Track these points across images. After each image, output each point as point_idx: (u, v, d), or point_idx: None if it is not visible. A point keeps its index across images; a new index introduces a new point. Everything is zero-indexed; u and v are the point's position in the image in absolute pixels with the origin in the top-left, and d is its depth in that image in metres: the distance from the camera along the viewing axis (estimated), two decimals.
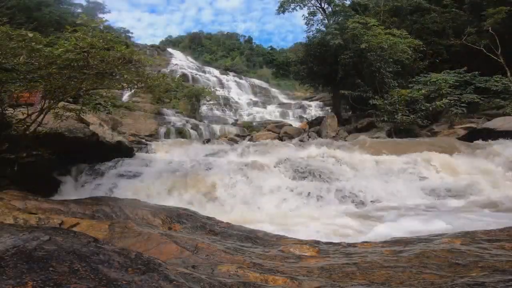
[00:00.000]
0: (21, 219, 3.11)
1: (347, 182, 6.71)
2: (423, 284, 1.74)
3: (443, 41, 16.83)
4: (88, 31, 4.50)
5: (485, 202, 5.60)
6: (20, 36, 4.26)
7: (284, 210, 5.83)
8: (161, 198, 5.99)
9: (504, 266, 1.93)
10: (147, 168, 7.59)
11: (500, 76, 13.87)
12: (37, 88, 5.20)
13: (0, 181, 4.71)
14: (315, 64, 18.64)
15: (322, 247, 2.88)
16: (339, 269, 2.12)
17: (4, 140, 5.06)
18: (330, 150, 8.57)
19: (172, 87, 6.87)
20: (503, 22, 14.43)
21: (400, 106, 13.08)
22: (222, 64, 45.47)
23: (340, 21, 17.82)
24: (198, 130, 18.04)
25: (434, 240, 2.89)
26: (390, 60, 14.81)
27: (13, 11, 20.70)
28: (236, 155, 8.92)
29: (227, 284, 1.64)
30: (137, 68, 5.51)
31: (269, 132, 17.25)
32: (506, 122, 10.58)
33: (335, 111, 18.82)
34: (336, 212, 5.55)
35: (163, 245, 2.46)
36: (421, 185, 6.63)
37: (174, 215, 3.95)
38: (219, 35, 62.93)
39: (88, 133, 7.19)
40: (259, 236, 3.37)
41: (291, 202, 6.06)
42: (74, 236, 1.77)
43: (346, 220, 4.88)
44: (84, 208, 3.93)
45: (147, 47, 45.93)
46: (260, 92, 36.18)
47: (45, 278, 1.20)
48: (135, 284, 1.34)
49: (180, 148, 10.97)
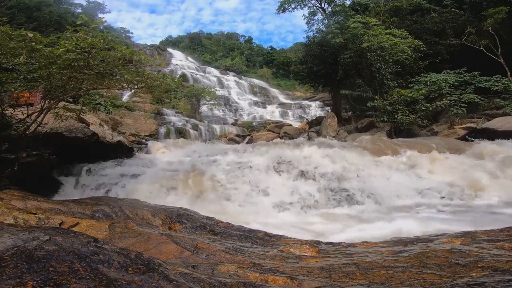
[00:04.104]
0: (21, 219, 3.11)
1: (346, 182, 6.71)
2: (423, 284, 1.73)
3: (443, 41, 16.83)
4: (88, 31, 4.50)
5: (485, 202, 5.60)
6: (20, 36, 4.26)
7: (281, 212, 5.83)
8: (161, 198, 5.99)
9: (504, 266, 1.93)
10: (147, 168, 7.59)
11: (500, 76, 13.86)
12: (37, 88, 5.19)
13: (0, 181, 4.70)
14: (315, 64, 18.64)
15: (322, 247, 2.88)
16: (339, 269, 2.12)
17: (4, 140, 5.06)
18: (327, 149, 8.57)
19: (172, 87, 6.88)
20: (503, 22, 14.43)
21: (400, 106, 13.07)
22: (222, 64, 45.44)
23: (340, 21, 17.82)
24: (198, 130, 18.05)
25: (434, 240, 2.89)
26: (390, 60, 14.80)
27: (13, 11, 20.72)
28: (236, 155, 8.92)
29: (227, 284, 1.64)
30: (137, 68, 5.51)
31: (269, 132, 17.25)
32: (506, 122, 10.58)
33: (335, 111, 18.81)
34: (333, 212, 5.55)
35: (163, 245, 2.46)
36: (420, 185, 6.63)
37: (174, 215, 3.95)
38: (219, 35, 62.91)
39: (88, 133, 7.19)
40: (259, 236, 3.37)
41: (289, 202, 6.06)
42: (74, 236, 1.77)
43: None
44: (84, 208, 3.93)
45: (147, 47, 45.89)
46: (260, 92, 36.16)
47: (45, 278, 1.20)
48: (135, 284, 1.34)
49: (180, 148, 10.96)
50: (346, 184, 6.61)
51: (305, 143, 9.91)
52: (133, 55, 5.13)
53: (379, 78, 14.83)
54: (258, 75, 44.46)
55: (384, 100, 13.69)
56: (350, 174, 7.16)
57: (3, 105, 5.18)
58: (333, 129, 15.07)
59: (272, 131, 17.30)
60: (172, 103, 23.29)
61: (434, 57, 16.12)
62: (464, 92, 13.28)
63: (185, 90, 23.53)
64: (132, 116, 17.37)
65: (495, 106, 13.21)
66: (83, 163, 7.26)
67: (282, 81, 44.34)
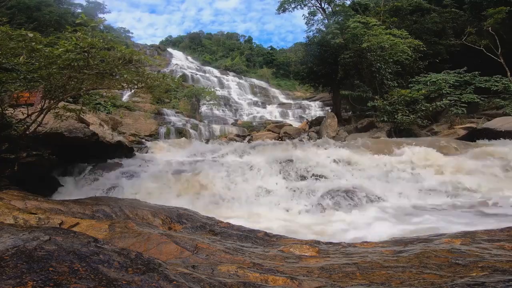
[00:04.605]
0: (21, 219, 3.11)
1: (345, 181, 6.71)
2: (423, 284, 1.73)
3: (443, 41, 16.84)
4: (88, 31, 4.50)
5: (485, 202, 5.59)
6: (20, 36, 4.26)
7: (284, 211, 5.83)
8: (161, 198, 5.98)
9: (504, 266, 1.93)
10: (147, 168, 7.58)
11: (500, 76, 13.86)
12: (37, 88, 5.19)
13: (0, 181, 4.70)
14: (315, 64, 18.66)
15: (322, 247, 2.88)
16: (339, 269, 2.12)
17: (4, 140, 5.06)
18: (327, 150, 8.57)
19: (172, 87, 6.88)
20: (503, 22, 14.44)
21: (400, 106, 13.08)
22: (222, 64, 45.46)
23: (340, 21, 17.83)
24: (198, 130, 18.05)
25: (434, 240, 2.89)
26: (390, 60, 14.81)
27: (13, 11, 20.73)
28: (236, 155, 8.92)
29: (227, 284, 1.64)
30: (137, 68, 5.51)
31: (269, 132, 17.27)
32: (506, 122, 10.58)
33: (335, 111, 18.83)
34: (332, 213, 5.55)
35: (163, 245, 2.46)
36: (419, 185, 6.63)
37: (174, 215, 3.95)
38: (219, 35, 62.94)
39: (88, 133, 7.19)
40: (259, 236, 3.37)
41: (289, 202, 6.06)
42: (74, 236, 1.77)
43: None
44: (84, 208, 3.92)
45: (147, 47, 45.96)
46: (260, 92, 36.19)
47: (45, 278, 1.20)
48: (135, 284, 1.34)
49: (180, 148, 10.96)
50: (346, 184, 6.61)
51: (306, 143, 9.92)
52: (133, 55, 5.13)
53: (379, 78, 14.84)
54: (258, 75, 44.49)
55: (384, 100, 13.70)
56: (350, 174, 7.16)
57: (3, 105, 5.18)
58: (333, 129, 15.07)
59: (272, 131, 17.31)
60: (172, 103, 23.30)
61: (434, 57, 16.13)
62: (464, 92, 13.29)
63: (185, 90, 23.55)
64: (132, 116, 17.38)
65: (495, 106, 13.22)
66: (83, 163, 7.25)
67: (282, 81, 44.36)
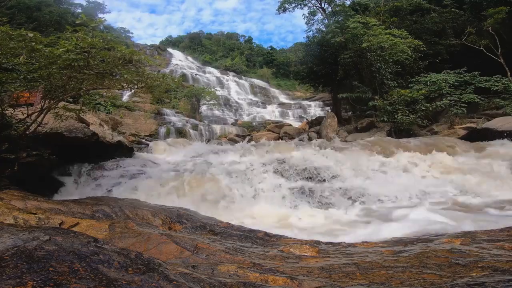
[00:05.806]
0: (21, 219, 3.11)
1: (346, 182, 6.71)
2: (423, 284, 1.73)
3: (443, 41, 16.82)
4: (88, 31, 4.50)
5: (485, 202, 5.59)
6: (20, 36, 4.26)
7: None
8: (161, 198, 5.98)
9: (504, 266, 1.93)
10: (147, 168, 7.58)
11: (500, 76, 13.85)
12: (37, 88, 5.19)
13: (0, 181, 4.70)
14: (315, 64, 18.65)
15: (322, 247, 2.88)
16: (339, 269, 2.12)
17: (4, 140, 5.06)
18: (327, 150, 8.57)
19: (172, 87, 6.88)
20: (503, 22, 14.42)
21: (400, 106, 13.07)
22: (222, 64, 45.45)
23: (340, 21, 17.83)
24: (198, 130, 18.05)
25: (434, 240, 2.89)
26: (390, 60, 14.81)
27: (13, 11, 20.74)
28: (236, 155, 8.91)
29: (227, 284, 1.64)
30: (137, 68, 5.51)
31: (269, 132, 17.26)
32: (506, 122, 10.57)
33: (335, 111, 18.83)
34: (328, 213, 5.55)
35: (163, 245, 2.46)
36: (419, 185, 6.62)
37: (174, 215, 3.95)
38: (219, 35, 62.93)
39: (88, 133, 7.19)
40: (259, 236, 3.37)
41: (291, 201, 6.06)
42: (74, 236, 1.77)
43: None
44: (84, 208, 3.92)
45: (147, 47, 45.93)
46: (260, 92, 36.18)
47: (45, 278, 1.20)
48: (135, 284, 1.34)
49: (180, 148, 10.96)
50: (346, 184, 6.61)
51: (306, 143, 9.92)
52: (133, 55, 5.13)
53: (379, 78, 14.83)
54: (258, 75, 44.49)
55: (384, 100, 13.69)
56: (349, 174, 7.16)
57: (3, 105, 5.18)
58: (333, 129, 15.07)
59: (272, 131, 17.31)
60: (172, 103, 23.30)
61: (434, 57, 16.12)
62: (464, 92, 13.28)
63: (185, 90, 23.54)
64: (132, 116, 17.38)
65: (495, 106, 13.21)
66: (83, 163, 7.25)
67: (282, 81, 44.36)
